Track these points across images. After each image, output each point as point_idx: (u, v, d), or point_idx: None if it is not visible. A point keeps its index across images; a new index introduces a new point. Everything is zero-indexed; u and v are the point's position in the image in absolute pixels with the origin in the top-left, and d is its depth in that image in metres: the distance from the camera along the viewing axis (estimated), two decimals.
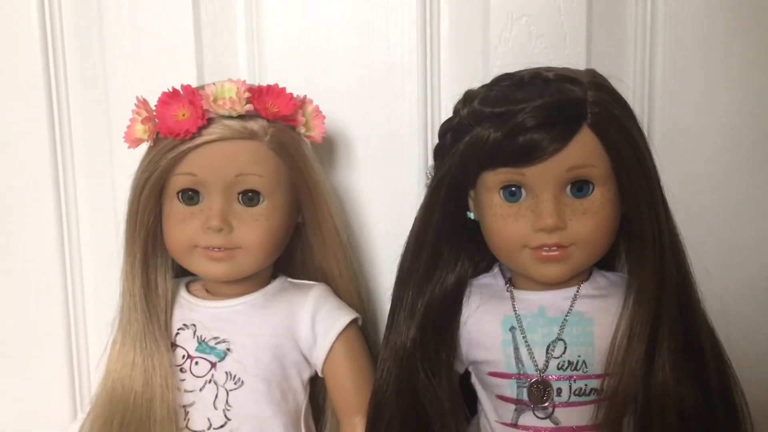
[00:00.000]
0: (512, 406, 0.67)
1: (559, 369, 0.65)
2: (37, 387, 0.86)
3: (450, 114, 0.68)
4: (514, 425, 0.67)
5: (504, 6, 0.78)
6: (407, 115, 0.80)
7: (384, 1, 0.79)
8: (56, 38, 0.81)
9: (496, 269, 0.72)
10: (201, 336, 0.70)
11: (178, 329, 0.71)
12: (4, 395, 0.86)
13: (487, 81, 0.67)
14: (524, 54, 0.77)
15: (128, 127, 0.68)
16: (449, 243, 0.69)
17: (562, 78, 0.63)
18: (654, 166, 0.65)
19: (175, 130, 0.65)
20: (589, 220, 0.63)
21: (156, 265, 0.70)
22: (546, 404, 0.65)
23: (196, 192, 0.67)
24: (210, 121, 0.65)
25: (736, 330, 0.71)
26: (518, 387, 0.66)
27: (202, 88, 0.67)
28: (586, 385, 0.65)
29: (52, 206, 0.83)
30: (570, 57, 0.77)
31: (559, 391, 0.65)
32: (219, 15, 0.80)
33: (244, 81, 0.67)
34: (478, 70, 0.78)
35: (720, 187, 0.80)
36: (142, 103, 0.67)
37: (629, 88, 0.73)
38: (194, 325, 0.70)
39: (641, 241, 0.64)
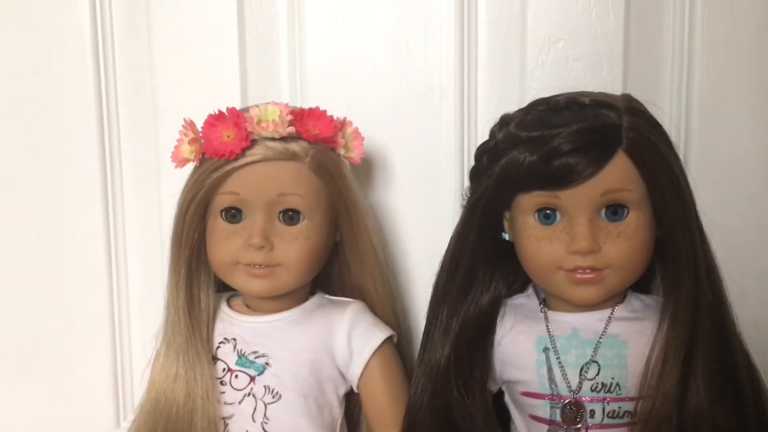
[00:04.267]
0: (545, 427, 0.67)
1: (592, 391, 0.66)
2: (82, 396, 0.89)
3: (486, 135, 0.69)
4: None
5: (541, 29, 0.79)
6: (444, 136, 0.81)
7: (423, 24, 0.81)
8: (108, 59, 0.84)
9: (530, 290, 0.72)
10: (241, 350, 0.72)
11: (219, 343, 0.73)
12: (50, 403, 0.89)
13: (524, 103, 0.68)
14: (561, 77, 0.78)
15: (175, 147, 0.70)
16: (484, 263, 0.70)
17: (598, 103, 0.64)
18: (689, 191, 0.65)
19: (220, 150, 0.67)
20: (624, 243, 0.63)
21: (199, 280, 0.72)
22: (579, 426, 0.66)
23: (239, 210, 0.69)
24: (253, 143, 0.67)
25: None
26: (551, 407, 0.67)
27: (246, 110, 0.69)
28: (619, 407, 0.65)
29: (100, 222, 0.86)
30: (606, 81, 0.77)
31: (593, 412, 0.66)
32: (263, 37, 0.82)
33: (287, 104, 0.69)
34: (514, 93, 0.79)
35: (756, 211, 0.80)
36: (189, 124, 0.70)
37: (665, 113, 0.74)
38: (235, 339, 0.72)
39: (676, 265, 0.64)
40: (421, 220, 0.82)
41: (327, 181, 0.69)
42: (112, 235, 0.86)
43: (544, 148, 0.62)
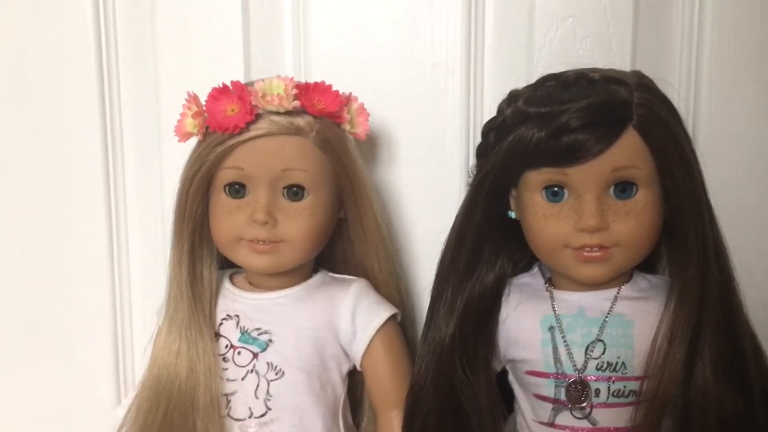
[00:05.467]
0: (549, 406, 0.67)
1: (597, 370, 0.65)
2: (83, 373, 0.89)
3: (492, 113, 0.68)
4: (551, 424, 0.67)
5: (550, 6, 0.78)
6: (450, 114, 0.80)
7: (429, 0, 0.80)
8: (109, 32, 0.83)
9: (535, 269, 0.72)
10: (244, 326, 0.71)
11: (222, 319, 0.72)
12: (51, 380, 0.89)
13: (531, 81, 0.68)
14: (569, 54, 0.77)
15: (179, 121, 0.69)
16: (489, 241, 0.70)
17: (608, 79, 0.63)
18: (699, 169, 0.65)
19: (224, 124, 0.66)
20: (632, 221, 0.63)
21: (202, 256, 0.72)
22: (584, 404, 0.65)
23: (242, 185, 0.68)
24: (258, 117, 0.66)
25: None
26: (556, 386, 0.66)
27: (250, 84, 0.68)
28: (624, 386, 0.65)
29: (101, 197, 0.85)
30: (615, 58, 0.77)
31: (598, 391, 0.65)
32: (267, 11, 0.81)
33: (292, 78, 0.68)
34: (522, 70, 0.78)
35: (765, 190, 0.79)
36: (193, 98, 0.69)
37: (675, 90, 0.73)
38: (237, 316, 0.72)
39: (684, 244, 0.64)
40: (426, 197, 0.81)
41: (332, 156, 0.69)
42: (113, 210, 0.86)
43: (553, 124, 0.61)
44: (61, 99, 0.84)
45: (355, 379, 0.75)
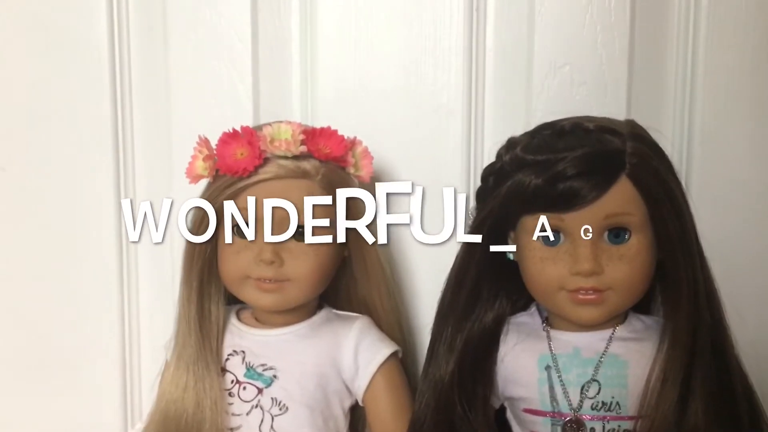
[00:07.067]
0: None
1: (593, 409, 0.67)
2: (90, 403, 0.90)
3: (492, 156, 0.70)
4: None
5: (547, 54, 0.81)
6: (451, 157, 0.83)
7: (432, 47, 0.82)
8: (124, 75, 0.86)
9: (533, 308, 0.74)
10: (249, 362, 0.73)
11: (228, 355, 0.74)
12: (59, 410, 0.90)
13: (530, 126, 0.70)
14: (566, 101, 0.80)
15: (190, 163, 0.72)
16: (488, 281, 0.71)
17: (602, 129, 0.65)
18: (690, 215, 0.67)
19: (233, 168, 0.69)
20: (626, 265, 0.65)
21: (210, 293, 0.74)
22: None
23: None
24: (266, 161, 0.69)
25: None
26: (552, 425, 0.68)
27: (259, 128, 0.71)
28: (619, 426, 0.67)
29: (113, 233, 0.87)
30: (610, 105, 0.79)
31: (593, 430, 0.67)
32: (276, 58, 0.84)
33: (299, 123, 0.71)
34: (520, 115, 0.81)
35: (756, 236, 0.81)
36: (204, 141, 0.72)
37: (668, 139, 0.75)
38: (243, 352, 0.74)
39: (676, 288, 0.66)
40: None
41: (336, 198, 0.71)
42: (124, 246, 0.88)
43: (550, 171, 0.63)
44: (75, 140, 0.87)
45: (356, 414, 0.77)
